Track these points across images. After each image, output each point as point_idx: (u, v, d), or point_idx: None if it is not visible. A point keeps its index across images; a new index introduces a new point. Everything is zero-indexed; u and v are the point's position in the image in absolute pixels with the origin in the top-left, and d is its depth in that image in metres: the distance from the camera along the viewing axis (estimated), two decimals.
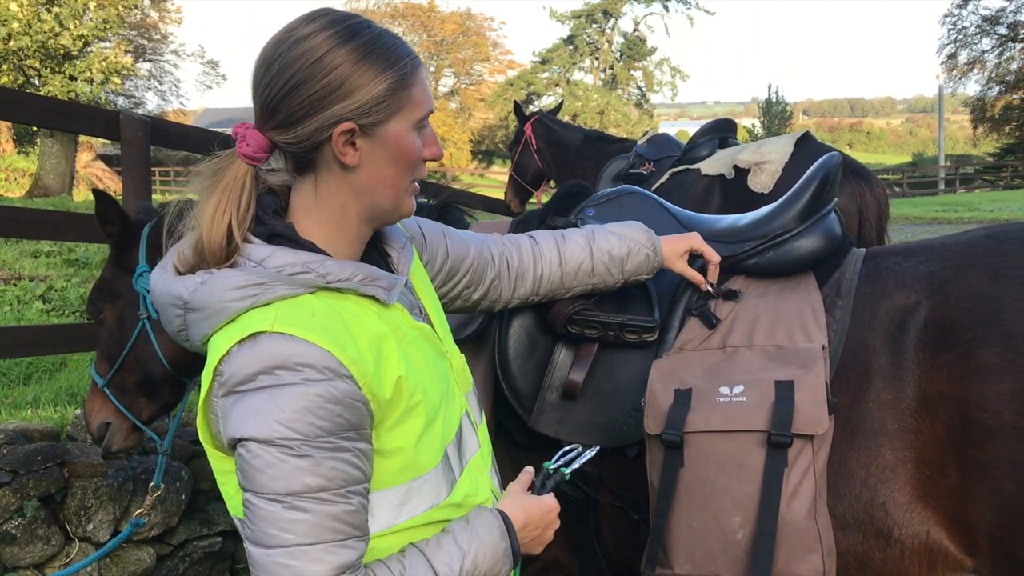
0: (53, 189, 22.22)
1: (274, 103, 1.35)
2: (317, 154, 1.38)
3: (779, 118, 54.84)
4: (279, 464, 1.24)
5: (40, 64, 22.28)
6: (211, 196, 1.38)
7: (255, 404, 1.25)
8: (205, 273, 1.35)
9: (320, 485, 1.25)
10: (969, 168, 45.56)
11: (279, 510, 1.24)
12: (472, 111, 56.37)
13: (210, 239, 1.36)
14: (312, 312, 1.31)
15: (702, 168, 5.45)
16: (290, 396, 1.25)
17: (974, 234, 2.04)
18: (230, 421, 1.27)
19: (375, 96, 1.36)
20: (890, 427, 1.86)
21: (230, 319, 1.32)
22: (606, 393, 2.18)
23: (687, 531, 1.89)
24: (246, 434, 1.25)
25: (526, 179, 7.68)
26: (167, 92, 39.53)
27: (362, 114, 1.35)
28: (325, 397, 1.26)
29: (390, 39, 1.40)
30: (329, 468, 1.26)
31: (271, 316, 1.29)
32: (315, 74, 1.32)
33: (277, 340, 1.27)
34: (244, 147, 1.38)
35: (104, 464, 3.66)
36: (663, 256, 2.14)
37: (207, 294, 1.33)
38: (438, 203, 2.56)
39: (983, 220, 19.38)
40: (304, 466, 1.24)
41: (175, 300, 1.37)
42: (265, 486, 1.25)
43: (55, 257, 9.75)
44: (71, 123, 4.71)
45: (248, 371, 1.26)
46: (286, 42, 1.35)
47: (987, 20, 43.80)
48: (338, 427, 1.27)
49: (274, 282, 1.31)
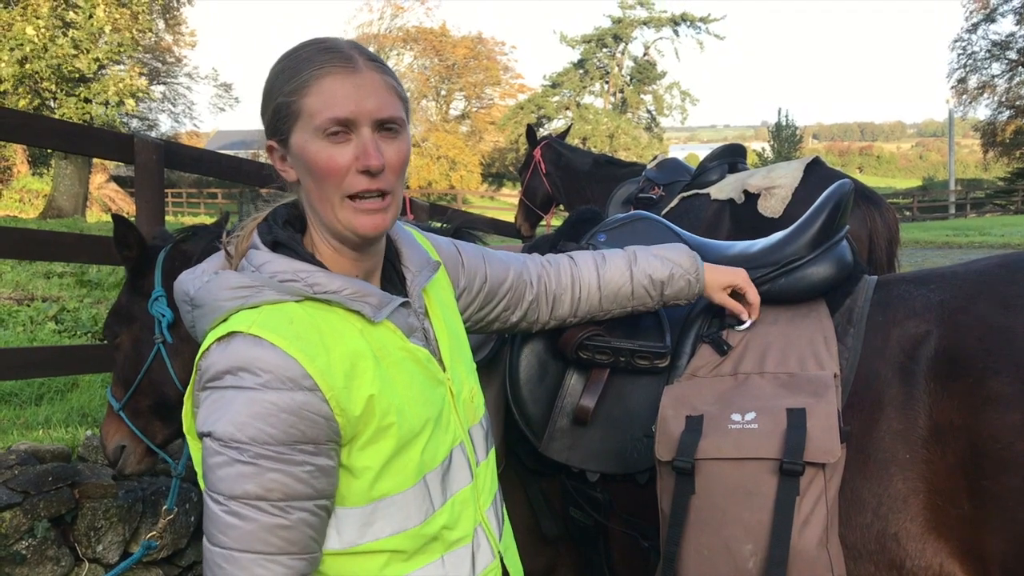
0: (67, 210, 22.39)
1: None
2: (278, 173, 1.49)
3: (789, 142, 54.84)
4: (226, 465, 1.26)
5: (55, 87, 22.50)
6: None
7: (218, 401, 1.29)
8: (212, 272, 1.43)
9: (258, 494, 1.25)
10: (980, 192, 45.53)
11: (218, 512, 1.27)
12: (483, 134, 56.54)
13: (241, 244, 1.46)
14: (291, 319, 1.34)
15: (712, 193, 5.45)
16: (247, 399, 1.27)
17: (986, 263, 2.03)
18: (199, 414, 1.32)
19: (274, 109, 1.42)
20: (902, 456, 1.85)
21: (223, 317, 1.37)
22: (617, 419, 2.17)
23: (698, 558, 1.88)
24: (205, 429, 1.29)
25: (536, 203, 7.70)
26: (180, 114, 39.88)
27: (273, 130, 1.43)
28: (280, 406, 1.27)
29: (309, 53, 1.41)
30: (270, 479, 1.26)
31: (251, 318, 1.33)
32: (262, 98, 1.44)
33: (248, 342, 1.30)
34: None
35: (114, 485, 3.67)
36: (704, 284, 2.11)
37: (207, 292, 1.40)
38: (451, 228, 2.57)
39: (994, 244, 19.31)
40: (246, 472, 1.25)
41: (184, 296, 1.46)
42: (212, 484, 1.28)
43: (68, 278, 9.81)
44: (85, 146, 4.75)
45: (218, 368, 1.30)
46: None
47: (997, 45, 43.82)
48: (290, 438, 1.27)
49: (264, 286, 1.36)
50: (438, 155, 51.23)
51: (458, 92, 56.88)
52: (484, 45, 56.46)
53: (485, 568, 1.55)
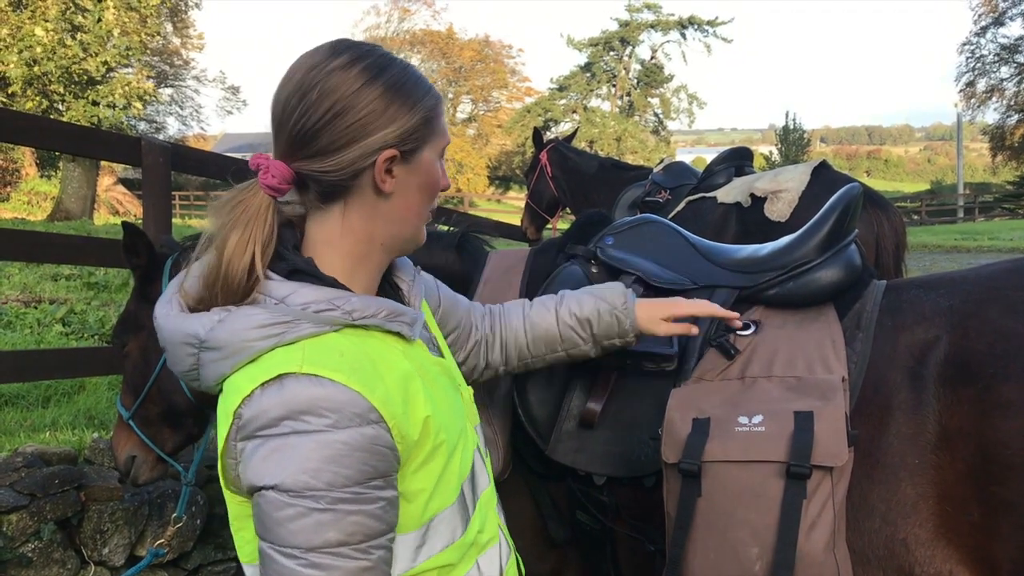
0: (74, 213, 22.47)
1: (311, 131, 1.33)
2: (355, 181, 1.36)
3: (796, 145, 54.69)
4: (300, 517, 1.17)
5: (64, 89, 22.55)
6: (233, 229, 1.31)
7: (279, 450, 1.19)
8: (222, 311, 1.29)
9: (340, 540, 1.18)
10: (988, 196, 45.34)
11: (294, 567, 1.17)
12: (489, 137, 56.64)
13: (230, 273, 1.30)
14: (340, 352, 1.26)
15: (718, 196, 5.44)
16: (317, 443, 1.18)
17: (996, 267, 2.02)
18: (250, 467, 1.20)
19: (413, 124, 1.38)
20: (910, 462, 1.84)
21: (251, 359, 1.26)
22: (624, 422, 2.16)
23: (704, 561, 1.87)
24: (267, 482, 1.18)
25: (542, 207, 7.70)
26: (188, 117, 40.05)
27: (402, 141, 1.37)
28: (352, 445, 1.20)
29: (415, 72, 1.43)
30: (351, 523, 1.19)
31: (298, 357, 1.24)
32: (358, 103, 1.33)
33: (305, 382, 1.21)
34: (268, 178, 1.33)
35: (120, 488, 3.67)
36: (635, 318, 1.98)
37: (228, 333, 1.26)
38: (458, 232, 2.57)
39: (1003, 249, 19.25)
40: (325, 520, 1.17)
41: (189, 339, 1.30)
42: (283, 539, 1.18)
43: (75, 280, 9.83)
44: (93, 149, 4.76)
45: (272, 415, 1.20)
46: (321, 72, 1.33)
47: (1006, 49, 43.74)
48: (364, 476, 1.21)
49: (300, 320, 1.26)
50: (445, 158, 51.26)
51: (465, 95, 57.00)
52: (491, 48, 56.61)
53: (507, 563, 1.56)
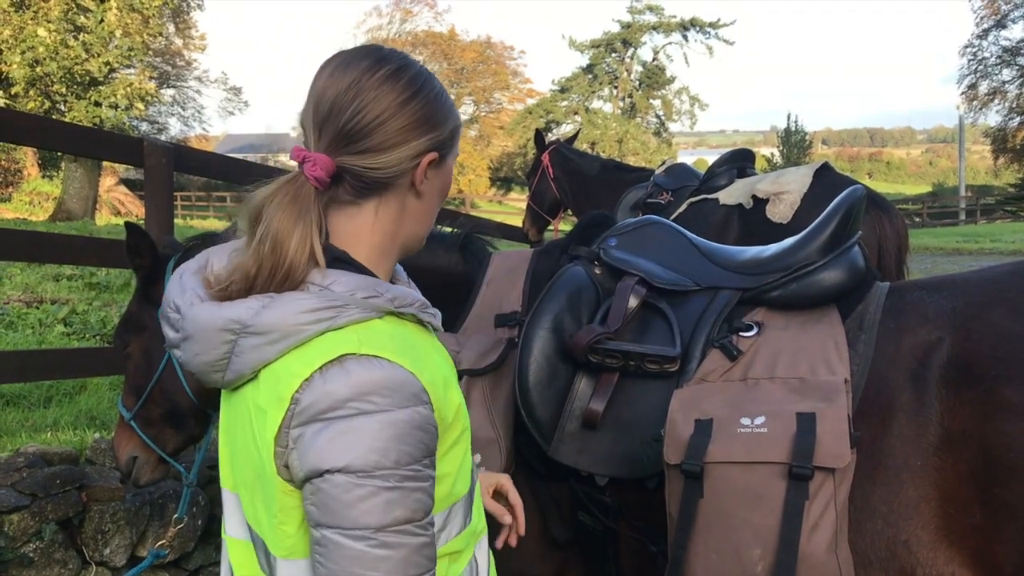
0: (76, 213, 22.47)
1: (363, 131, 1.37)
2: (397, 180, 1.41)
3: (798, 147, 54.64)
4: (371, 497, 1.19)
5: (66, 90, 22.57)
6: (289, 219, 1.33)
7: (346, 432, 1.20)
8: (264, 297, 1.30)
9: (407, 517, 1.22)
10: (990, 198, 45.40)
11: (365, 548, 1.19)
12: (491, 139, 56.64)
13: (293, 263, 1.32)
14: (390, 335, 1.31)
15: (720, 198, 5.45)
16: (382, 423, 1.21)
17: (999, 270, 2.03)
18: (312, 451, 1.21)
19: (447, 134, 1.46)
20: (913, 464, 1.84)
21: (301, 343, 1.27)
22: (626, 423, 2.16)
23: (706, 563, 1.87)
24: (335, 464, 1.19)
25: (543, 208, 7.70)
26: (190, 118, 40.05)
27: (441, 147, 1.45)
28: (412, 423, 1.24)
29: (445, 88, 1.52)
30: (415, 499, 1.23)
31: (354, 339, 1.27)
32: (409, 107, 1.39)
33: (366, 363, 1.25)
34: (316, 170, 1.36)
35: (122, 488, 3.67)
36: None
37: (277, 317, 1.28)
38: (461, 233, 2.57)
39: (1004, 251, 19.24)
40: (394, 498, 1.20)
41: (230, 324, 1.30)
42: (353, 521, 1.19)
43: (77, 281, 9.83)
44: (95, 149, 4.77)
45: (337, 396, 1.22)
46: (375, 77, 1.39)
47: (1008, 51, 43.69)
48: (422, 454, 1.25)
49: (349, 305, 1.29)
50: None
51: (467, 96, 56.98)
52: (493, 50, 56.63)
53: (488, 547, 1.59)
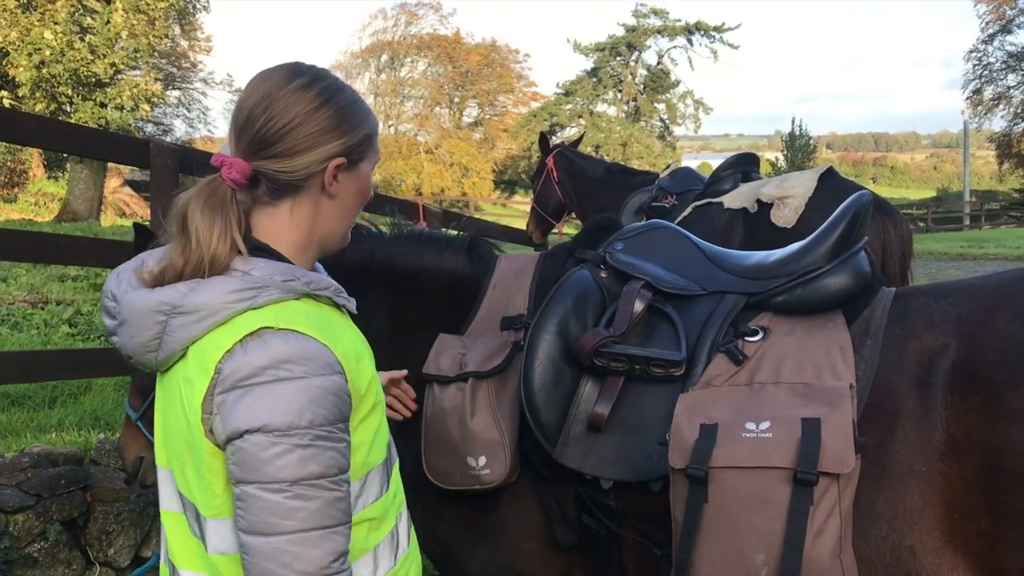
0: (81, 214, 22.47)
1: (273, 137, 1.51)
2: (307, 182, 1.55)
3: (802, 152, 54.48)
4: (287, 453, 1.34)
5: (72, 91, 22.60)
6: (208, 215, 1.49)
7: (264, 396, 1.35)
8: (192, 282, 1.46)
9: (320, 472, 1.36)
10: (995, 204, 45.28)
11: (281, 499, 1.34)
12: (495, 141, 56.61)
13: (216, 253, 1.47)
14: (305, 314, 1.47)
15: (725, 202, 5.45)
16: (297, 388, 1.36)
17: (1005, 275, 2.02)
18: (234, 414, 1.35)
19: (357, 140, 1.58)
20: (918, 469, 1.84)
21: (225, 320, 1.42)
22: (631, 426, 2.17)
23: (710, 567, 1.87)
24: (254, 424, 1.34)
25: (547, 211, 7.71)
26: (195, 120, 40.07)
27: (349, 152, 1.57)
28: (326, 389, 1.39)
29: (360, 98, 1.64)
30: (328, 457, 1.37)
31: (272, 316, 1.43)
32: (316, 117, 1.53)
33: (283, 336, 1.40)
34: (231, 172, 1.51)
35: (126, 489, 3.68)
36: None
37: (204, 297, 1.43)
38: (468, 236, 2.57)
39: (1009, 257, 19.19)
40: (308, 454, 1.35)
41: (160, 306, 1.45)
42: (270, 475, 1.34)
43: (82, 281, 9.85)
44: (101, 151, 4.77)
45: (256, 365, 1.37)
46: (285, 88, 1.53)
47: (1013, 56, 43.62)
48: (336, 417, 1.40)
49: (268, 287, 1.45)
50: (451, 162, 51.38)
51: (471, 99, 57.05)
52: (498, 53, 56.63)
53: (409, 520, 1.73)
